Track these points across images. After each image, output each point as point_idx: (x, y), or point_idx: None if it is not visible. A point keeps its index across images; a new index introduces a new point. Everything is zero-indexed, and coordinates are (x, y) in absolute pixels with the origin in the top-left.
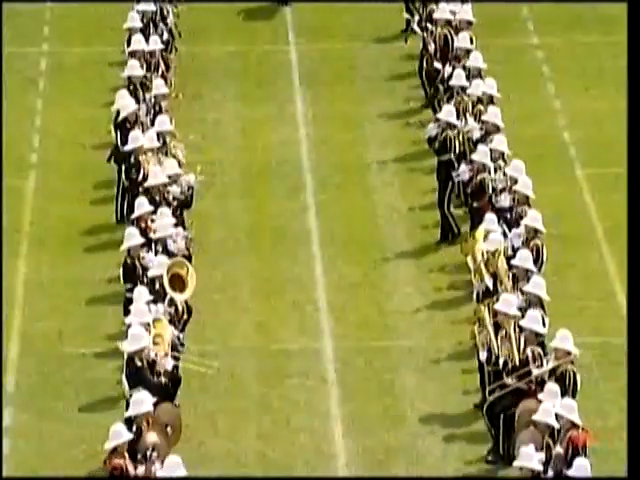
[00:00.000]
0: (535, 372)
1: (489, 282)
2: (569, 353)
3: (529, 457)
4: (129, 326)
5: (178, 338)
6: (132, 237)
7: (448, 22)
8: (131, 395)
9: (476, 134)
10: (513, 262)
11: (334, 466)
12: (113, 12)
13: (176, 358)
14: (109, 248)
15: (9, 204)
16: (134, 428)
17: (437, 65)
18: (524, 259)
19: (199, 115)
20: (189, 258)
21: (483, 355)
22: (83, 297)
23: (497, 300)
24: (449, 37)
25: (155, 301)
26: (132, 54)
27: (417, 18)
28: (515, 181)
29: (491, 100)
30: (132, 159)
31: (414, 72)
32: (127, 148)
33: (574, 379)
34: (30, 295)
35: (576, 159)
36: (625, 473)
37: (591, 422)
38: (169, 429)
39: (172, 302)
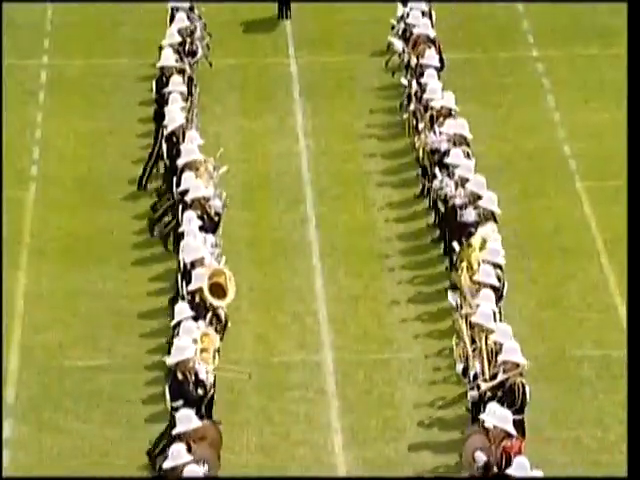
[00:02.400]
0: (483, 386)
1: (452, 299)
2: (518, 365)
3: (524, 468)
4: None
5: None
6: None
7: (428, 38)
8: (174, 408)
9: (444, 146)
10: (475, 278)
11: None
12: (114, 24)
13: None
14: (109, 260)
15: (9, 216)
16: (183, 444)
17: (403, 80)
18: (486, 275)
19: (200, 128)
20: None
21: (459, 367)
22: (83, 309)
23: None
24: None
25: (197, 317)
26: (162, 70)
27: (398, 30)
28: (477, 196)
29: (450, 113)
30: (184, 172)
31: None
32: (181, 161)
33: (523, 391)
34: (30, 307)
35: (576, 172)
36: None
37: (591, 435)
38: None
39: (214, 314)
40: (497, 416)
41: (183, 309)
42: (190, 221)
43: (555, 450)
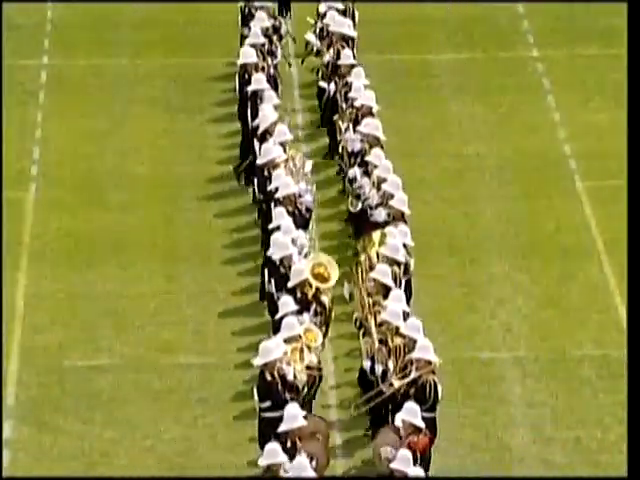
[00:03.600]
0: (396, 383)
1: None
2: (430, 363)
3: (407, 461)
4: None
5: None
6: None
7: (343, 37)
8: (262, 409)
9: (357, 146)
10: (371, 274)
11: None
12: (114, 24)
13: (309, 368)
14: (109, 260)
15: (9, 217)
16: (288, 443)
17: (322, 84)
18: (382, 273)
19: (200, 128)
20: None
21: (367, 364)
22: (83, 309)
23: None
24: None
25: (301, 311)
26: (244, 67)
27: (316, 28)
28: (391, 196)
29: (370, 112)
30: (265, 172)
31: (414, 84)
32: (260, 161)
33: (435, 389)
34: (30, 308)
35: (576, 172)
36: None
37: (591, 435)
38: (319, 436)
39: (320, 305)
40: (405, 410)
41: (288, 302)
42: (281, 217)
43: (555, 450)
